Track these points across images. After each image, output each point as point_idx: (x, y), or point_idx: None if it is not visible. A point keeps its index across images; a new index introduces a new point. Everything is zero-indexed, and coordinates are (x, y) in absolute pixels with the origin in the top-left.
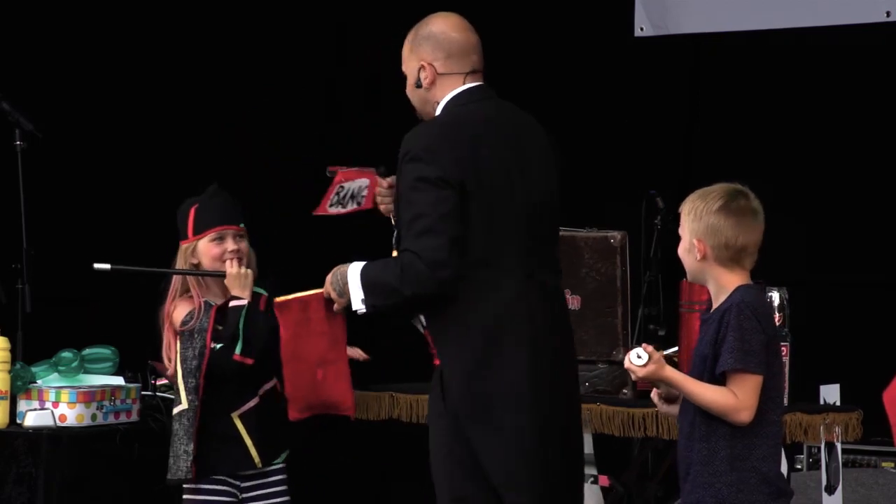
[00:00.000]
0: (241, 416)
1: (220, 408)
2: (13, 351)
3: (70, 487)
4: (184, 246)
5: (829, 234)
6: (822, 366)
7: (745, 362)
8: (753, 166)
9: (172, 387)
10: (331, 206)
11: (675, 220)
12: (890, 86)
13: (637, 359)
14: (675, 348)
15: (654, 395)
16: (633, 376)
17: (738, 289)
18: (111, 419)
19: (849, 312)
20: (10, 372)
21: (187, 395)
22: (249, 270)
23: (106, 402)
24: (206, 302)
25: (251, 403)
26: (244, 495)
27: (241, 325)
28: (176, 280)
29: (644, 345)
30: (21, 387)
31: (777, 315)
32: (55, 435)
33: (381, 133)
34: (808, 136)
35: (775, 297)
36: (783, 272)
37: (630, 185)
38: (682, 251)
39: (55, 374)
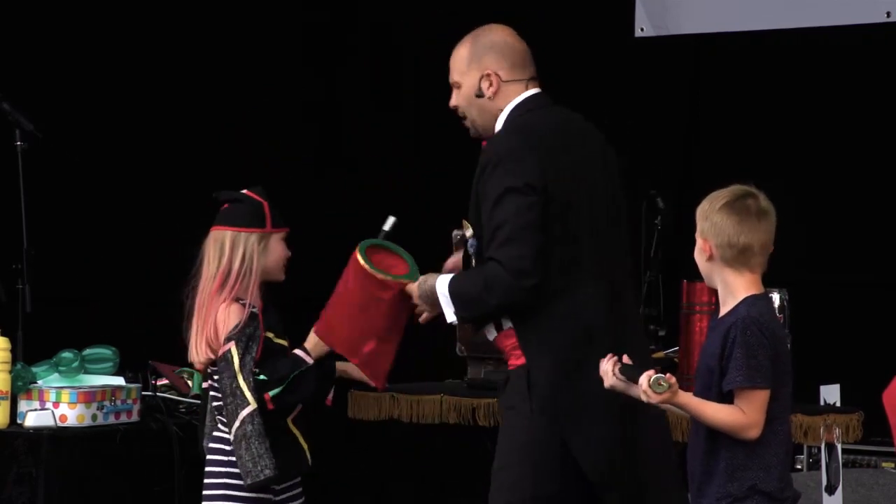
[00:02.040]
0: (293, 421)
1: (278, 414)
2: (13, 351)
3: (70, 487)
4: (256, 234)
5: (829, 234)
6: (822, 366)
7: (752, 379)
8: (753, 166)
9: (173, 387)
10: None
11: (676, 220)
12: (890, 86)
13: (658, 386)
14: (675, 348)
15: (606, 365)
16: (643, 398)
17: (743, 301)
18: (111, 419)
19: (849, 312)
20: (10, 372)
21: (252, 394)
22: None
23: (106, 403)
24: (252, 313)
25: (300, 407)
26: (278, 497)
27: (290, 378)
28: (230, 271)
29: (668, 375)
30: (22, 387)
31: (778, 316)
32: (56, 435)
33: (381, 133)
34: (808, 136)
35: (775, 297)
36: (783, 272)
37: (630, 185)
38: (695, 253)
39: (56, 375)
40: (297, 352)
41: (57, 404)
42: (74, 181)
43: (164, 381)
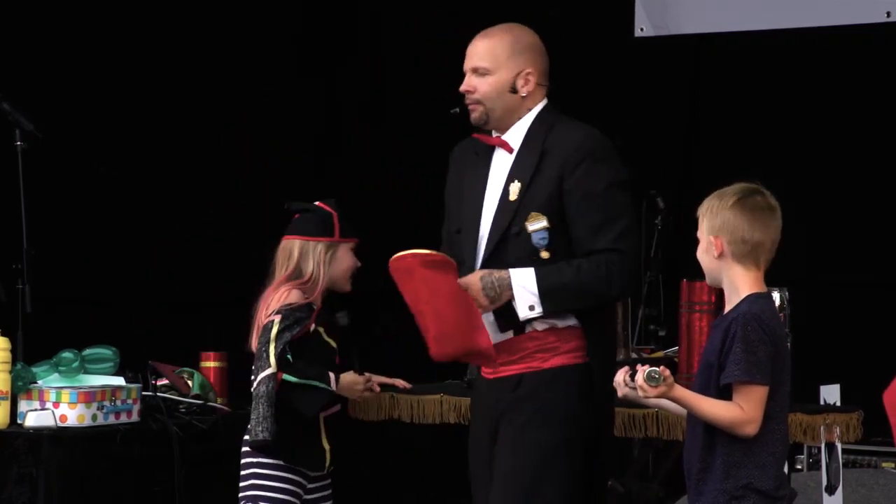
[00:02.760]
0: (324, 418)
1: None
2: (14, 351)
3: (70, 487)
4: (324, 243)
5: (829, 234)
6: (822, 366)
7: (751, 374)
8: (753, 166)
9: (173, 387)
10: None
11: (676, 220)
12: (890, 86)
13: (652, 380)
14: (675, 348)
15: (619, 376)
16: (640, 393)
17: (746, 298)
18: (112, 419)
19: (849, 312)
20: (10, 372)
21: (276, 360)
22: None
23: (106, 403)
24: (309, 304)
25: (335, 409)
26: (307, 496)
27: (308, 383)
28: (299, 276)
29: (661, 367)
30: (22, 387)
31: (779, 315)
32: (56, 435)
33: (380, 133)
34: (808, 136)
35: (776, 296)
36: (783, 272)
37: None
38: (699, 252)
39: (56, 375)
40: (331, 374)
41: (57, 404)
42: (74, 181)
43: (164, 381)
